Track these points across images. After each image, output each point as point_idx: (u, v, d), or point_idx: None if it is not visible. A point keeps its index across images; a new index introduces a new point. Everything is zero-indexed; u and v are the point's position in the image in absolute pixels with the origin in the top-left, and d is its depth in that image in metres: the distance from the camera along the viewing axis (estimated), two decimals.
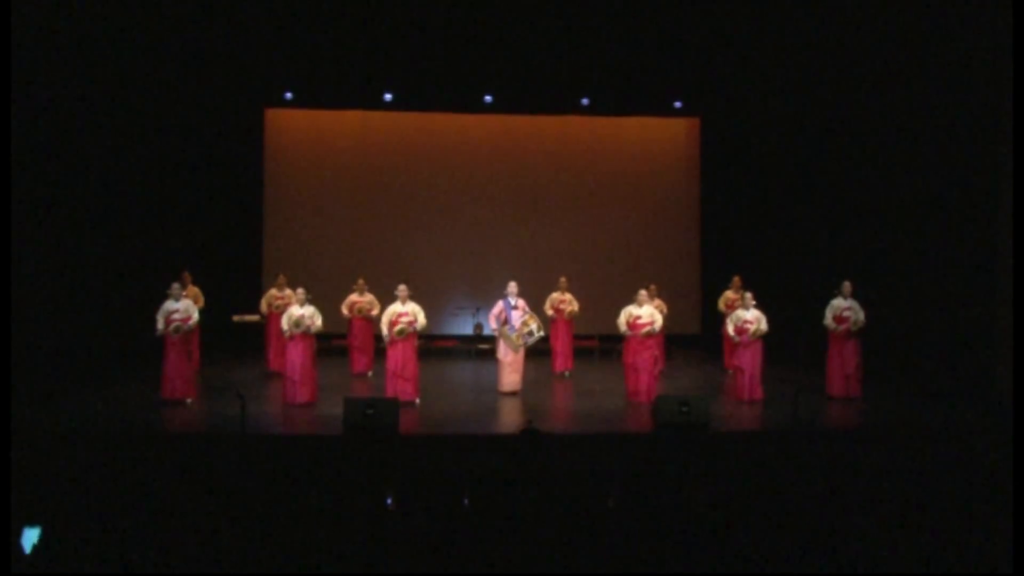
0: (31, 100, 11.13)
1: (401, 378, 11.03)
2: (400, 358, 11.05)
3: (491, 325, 12.07)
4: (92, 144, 12.83)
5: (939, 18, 11.78)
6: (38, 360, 11.28)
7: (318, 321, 11.19)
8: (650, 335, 11.49)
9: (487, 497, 5.72)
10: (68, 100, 12.15)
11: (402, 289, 11.35)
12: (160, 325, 11.02)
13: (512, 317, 11.80)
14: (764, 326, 11.43)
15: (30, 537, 4.71)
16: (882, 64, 13.06)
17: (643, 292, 11.83)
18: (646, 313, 11.54)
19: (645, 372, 11.35)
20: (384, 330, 11.15)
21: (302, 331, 11.05)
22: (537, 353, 13.60)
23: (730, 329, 11.64)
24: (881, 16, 12.49)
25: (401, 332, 11.05)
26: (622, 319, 11.56)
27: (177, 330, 11.02)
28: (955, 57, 11.72)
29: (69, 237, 12.26)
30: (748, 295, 11.76)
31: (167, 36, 13.57)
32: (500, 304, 11.97)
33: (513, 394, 11.78)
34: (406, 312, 11.19)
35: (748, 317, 11.49)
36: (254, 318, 14.58)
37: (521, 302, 11.96)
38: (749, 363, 11.41)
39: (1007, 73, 10.54)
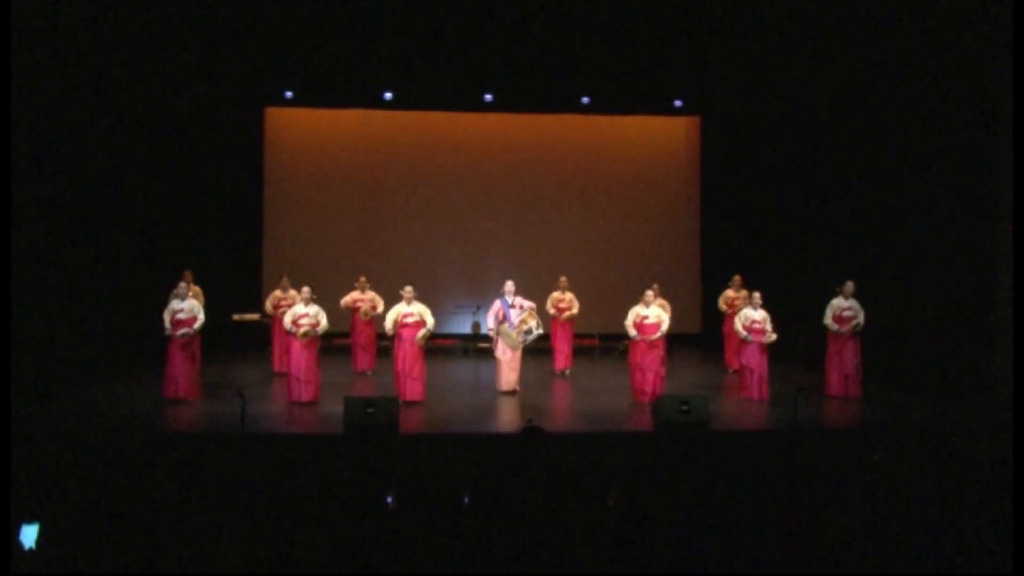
0: (31, 100, 11.12)
1: (409, 378, 11.05)
2: (408, 358, 11.07)
3: (488, 324, 12.07)
4: (93, 143, 12.82)
5: (939, 17, 11.77)
6: (39, 359, 11.28)
7: (323, 321, 11.19)
8: (659, 338, 11.46)
9: (487, 496, 5.72)
10: (68, 99, 12.14)
11: (408, 290, 11.36)
12: (167, 325, 11.06)
13: (510, 315, 11.81)
14: (772, 332, 11.40)
15: (29, 534, 4.70)
16: (883, 63, 13.05)
17: (649, 292, 11.73)
18: (653, 313, 11.51)
19: (652, 372, 11.32)
20: (388, 329, 11.16)
21: (311, 338, 11.06)
22: (537, 352, 13.59)
23: (739, 326, 11.60)
24: (882, 15, 12.49)
25: (423, 337, 11.13)
26: (629, 320, 11.49)
27: (184, 335, 11.04)
28: (955, 56, 11.72)
29: (69, 236, 12.25)
30: (756, 295, 11.71)
31: (167, 35, 13.56)
32: (497, 303, 11.97)
33: (512, 393, 11.78)
34: (411, 312, 11.21)
35: (756, 317, 11.47)
36: (254, 317, 14.58)
37: (519, 300, 11.95)
38: (758, 363, 11.40)
39: (1007, 73, 10.54)
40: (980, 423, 10.02)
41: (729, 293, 14.06)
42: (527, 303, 11.99)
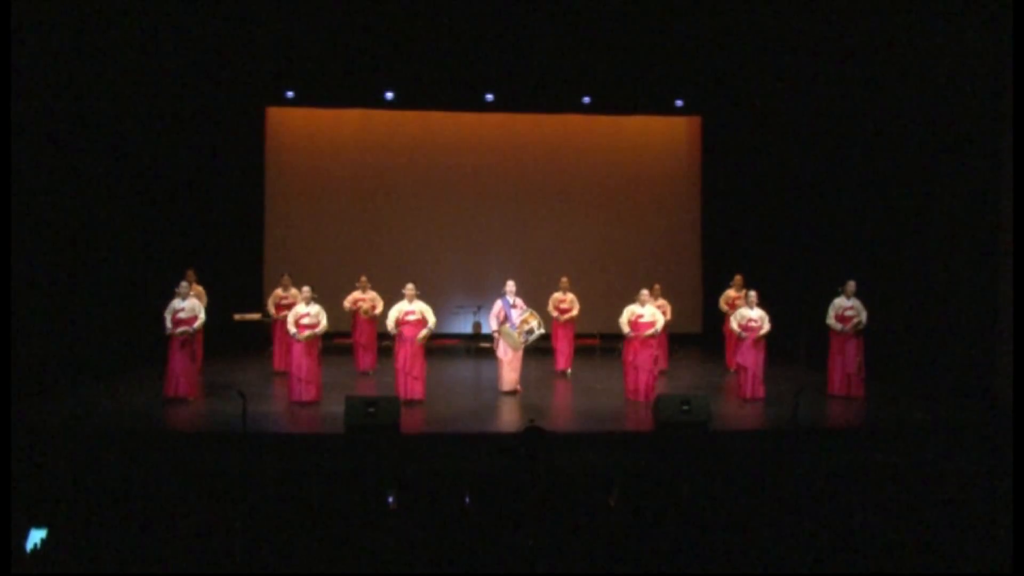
0: (33, 98, 11.13)
1: (410, 376, 11.07)
2: (409, 357, 11.08)
3: (491, 324, 12.06)
4: (94, 142, 12.83)
5: (940, 16, 11.76)
6: (40, 358, 11.30)
7: (323, 321, 11.19)
8: (652, 336, 11.50)
9: (488, 496, 5.73)
10: (70, 98, 12.15)
11: (410, 288, 11.37)
12: (168, 324, 11.07)
13: (512, 315, 11.80)
14: (767, 326, 11.45)
15: (35, 538, 4.72)
16: (883, 63, 13.04)
17: (645, 292, 11.82)
18: (648, 312, 11.56)
19: (644, 371, 11.35)
20: (390, 326, 11.16)
21: (313, 339, 11.06)
22: (538, 352, 13.59)
23: (734, 325, 11.64)
24: (883, 15, 12.48)
25: (422, 339, 11.12)
26: (624, 318, 11.57)
27: (183, 333, 11.05)
28: (956, 56, 11.71)
29: (71, 235, 12.27)
30: (752, 294, 11.75)
31: (169, 35, 13.56)
32: (499, 303, 11.95)
33: (513, 393, 11.79)
34: (413, 310, 11.22)
35: (753, 316, 11.49)
36: (255, 317, 14.58)
37: (519, 300, 11.96)
38: (752, 362, 11.42)
39: (1007, 73, 10.53)
40: (981, 423, 10.02)
41: (731, 293, 14.06)
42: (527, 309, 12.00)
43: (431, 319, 11.24)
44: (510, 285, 12.00)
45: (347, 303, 13.40)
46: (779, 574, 4.72)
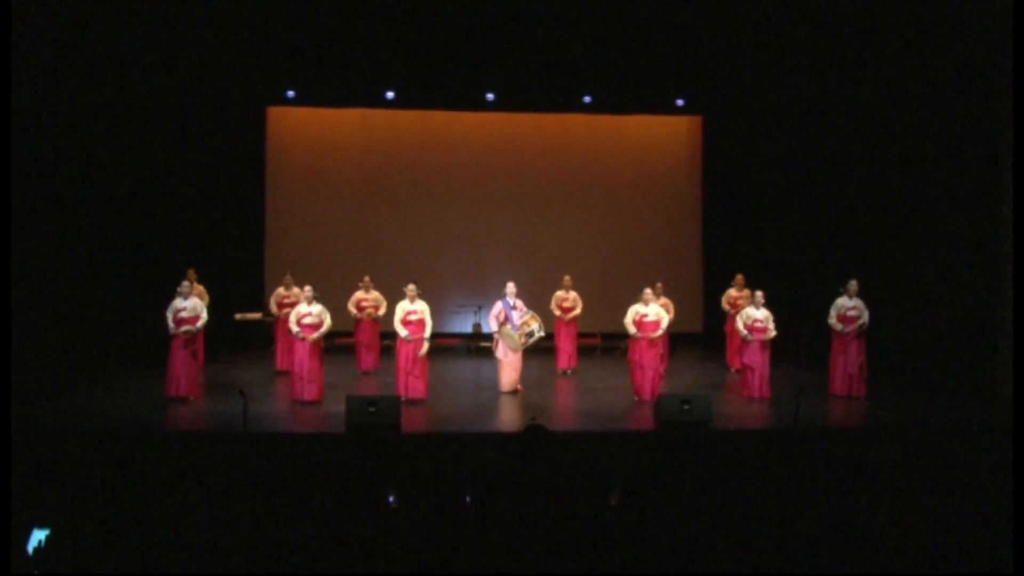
0: (34, 97, 11.13)
1: (412, 376, 11.08)
2: (411, 356, 11.09)
3: (491, 326, 12.05)
4: (95, 142, 12.84)
5: (940, 16, 11.76)
6: (40, 358, 11.30)
7: (327, 320, 11.19)
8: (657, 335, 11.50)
9: (489, 495, 5.73)
10: (71, 98, 12.16)
11: (411, 288, 11.37)
12: (170, 324, 11.07)
13: (512, 317, 11.80)
14: (773, 328, 11.43)
15: (37, 538, 4.72)
16: (884, 62, 13.04)
17: (648, 290, 11.77)
18: (652, 311, 11.52)
19: (651, 370, 11.34)
20: (400, 330, 11.14)
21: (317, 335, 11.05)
22: (539, 351, 13.59)
23: (740, 326, 11.60)
24: (883, 14, 12.47)
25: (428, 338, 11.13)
26: (629, 318, 11.51)
27: (186, 332, 11.06)
28: (956, 56, 11.71)
29: (71, 234, 12.28)
30: (759, 293, 11.70)
31: (169, 34, 13.57)
32: (499, 304, 11.95)
33: (514, 392, 11.79)
34: (415, 310, 11.22)
35: (759, 316, 11.46)
36: (256, 316, 14.59)
37: (519, 302, 11.95)
38: (759, 362, 11.40)
39: (1007, 72, 10.53)
40: (981, 423, 10.01)
41: (732, 292, 14.04)
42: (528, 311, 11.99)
43: (429, 322, 11.23)
44: (510, 287, 12.00)
45: (351, 306, 13.39)
46: (779, 574, 4.72)
